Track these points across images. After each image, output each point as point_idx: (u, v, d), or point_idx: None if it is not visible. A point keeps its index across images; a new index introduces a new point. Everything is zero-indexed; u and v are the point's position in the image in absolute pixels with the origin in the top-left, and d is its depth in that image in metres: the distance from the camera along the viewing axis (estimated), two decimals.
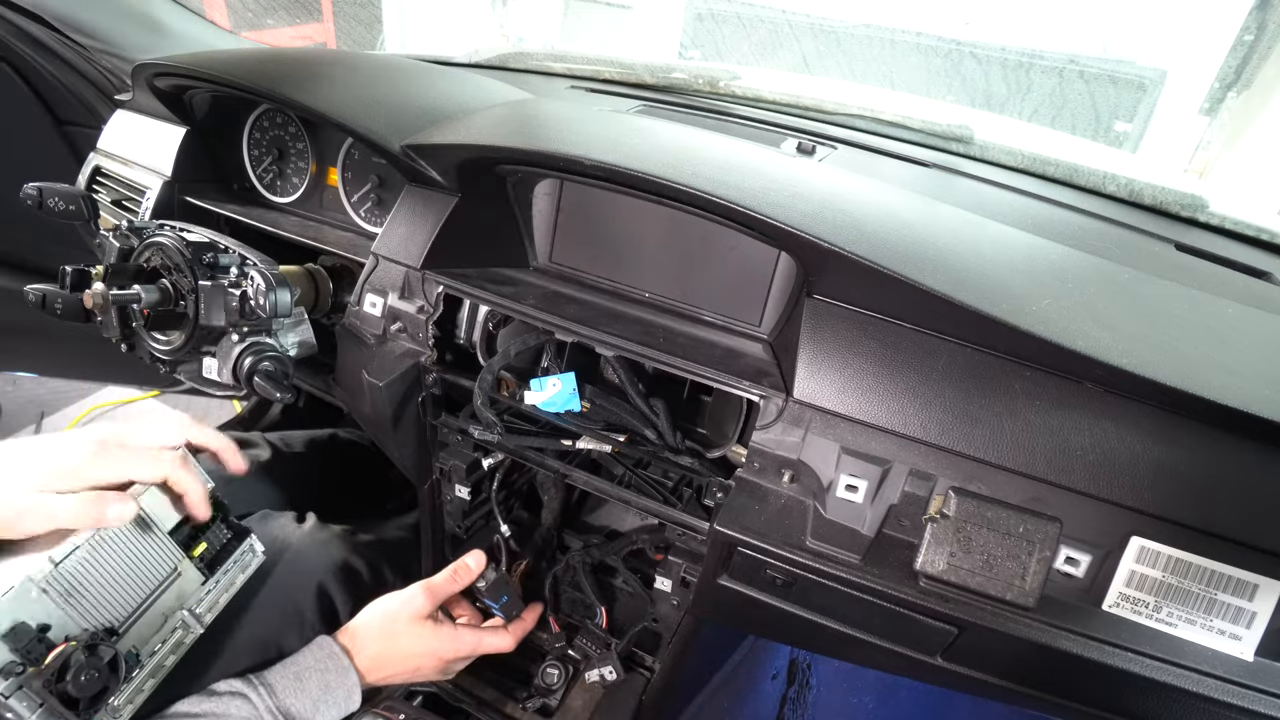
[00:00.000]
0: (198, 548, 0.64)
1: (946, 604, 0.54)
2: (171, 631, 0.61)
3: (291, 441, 1.09)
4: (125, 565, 0.58)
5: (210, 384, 0.75)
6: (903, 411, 0.57)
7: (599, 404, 0.75)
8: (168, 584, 0.61)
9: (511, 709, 0.83)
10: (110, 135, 1.07)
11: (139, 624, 0.59)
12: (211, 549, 0.65)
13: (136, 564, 0.59)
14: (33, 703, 0.50)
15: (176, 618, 0.62)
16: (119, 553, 0.57)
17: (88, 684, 0.52)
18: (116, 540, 0.57)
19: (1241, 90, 2.14)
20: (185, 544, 0.63)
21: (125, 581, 0.58)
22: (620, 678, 0.84)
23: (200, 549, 0.64)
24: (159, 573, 0.60)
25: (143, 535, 0.59)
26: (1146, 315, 0.58)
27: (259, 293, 0.68)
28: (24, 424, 1.89)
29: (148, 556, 0.59)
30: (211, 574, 0.65)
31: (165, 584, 0.61)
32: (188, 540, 0.63)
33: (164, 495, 0.61)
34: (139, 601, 0.59)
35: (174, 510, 0.62)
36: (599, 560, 0.93)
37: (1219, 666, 0.52)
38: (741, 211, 0.57)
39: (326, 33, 2.66)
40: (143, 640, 0.59)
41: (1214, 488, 0.52)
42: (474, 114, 0.80)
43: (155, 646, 0.60)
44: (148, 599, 0.59)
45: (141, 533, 0.59)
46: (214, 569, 0.65)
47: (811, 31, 2.42)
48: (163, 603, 0.61)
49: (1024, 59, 2.25)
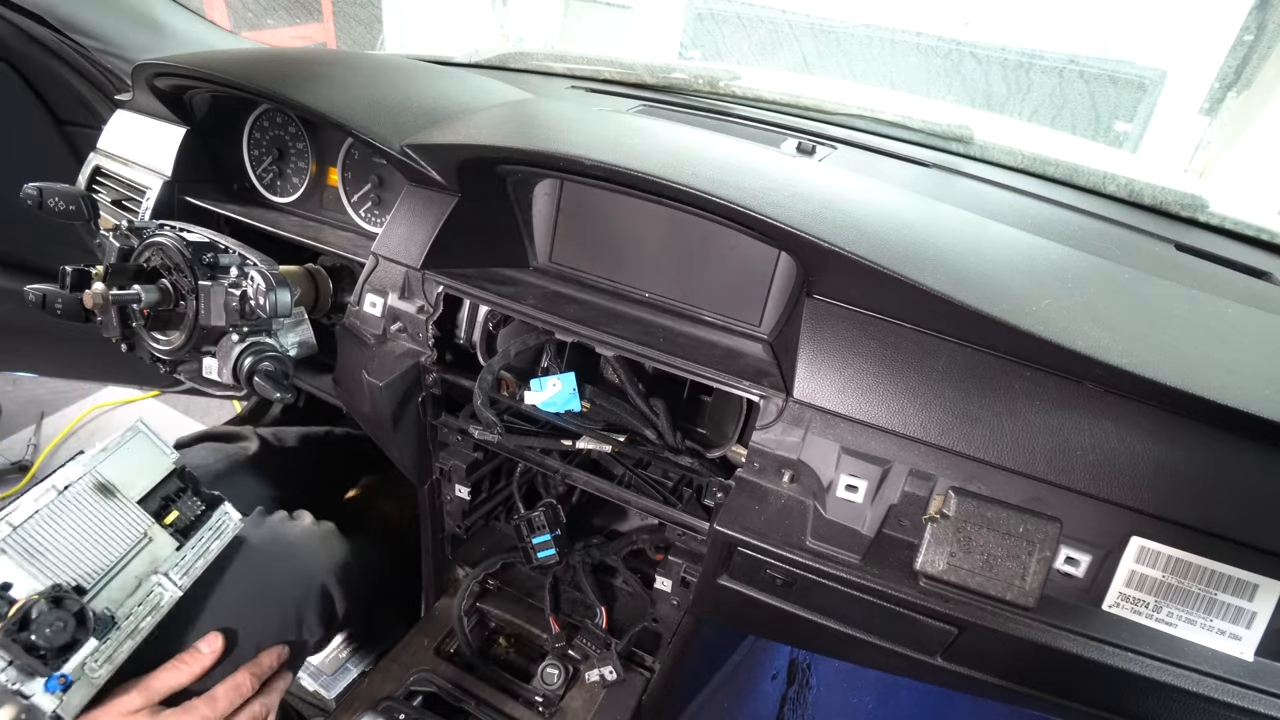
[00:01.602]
0: (169, 516, 0.67)
1: (946, 604, 0.54)
2: (146, 595, 0.64)
3: (284, 437, 1.09)
4: (90, 529, 0.60)
5: (210, 384, 0.75)
6: (903, 411, 0.57)
7: (599, 404, 0.75)
8: (138, 549, 0.64)
9: (511, 709, 0.82)
10: (110, 135, 1.07)
11: (110, 587, 0.61)
12: (185, 518, 0.69)
13: (102, 528, 0.61)
14: (1, 657, 0.51)
15: (151, 581, 0.65)
16: (82, 517, 0.60)
17: (53, 634, 0.53)
18: (79, 504, 0.60)
19: (1241, 90, 2.14)
20: (157, 513, 0.66)
21: (91, 544, 0.60)
22: (620, 678, 0.84)
23: (172, 517, 0.68)
24: (127, 537, 0.63)
25: (106, 500, 0.62)
26: (1146, 315, 0.58)
27: (259, 293, 0.68)
28: (24, 424, 1.89)
29: (114, 521, 0.62)
30: (185, 540, 0.68)
31: (136, 549, 0.64)
32: (159, 509, 0.67)
33: (127, 464, 0.64)
34: (109, 565, 0.61)
35: (140, 479, 0.65)
36: (599, 560, 0.93)
37: (1219, 666, 0.52)
38: (741, 211, 0.57)
39: (326, 33, 2.66)
40: (116, 603, 0.62)
41: (1214, 488, 0.52)
42: (474, 114, 0.80)
43: (130, 609, 0.62)
44: (118, 563, 0.62)
45: (105, 498, 0.62)
46: (187, 536, 0.69)
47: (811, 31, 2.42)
48: (134, 567, 0.63)
49: (1024, 59, 2.25)
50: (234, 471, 0.98)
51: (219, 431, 1.06)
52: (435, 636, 0.89)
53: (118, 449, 0.65)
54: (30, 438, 1.86)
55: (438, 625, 0.91)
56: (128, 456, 0.65)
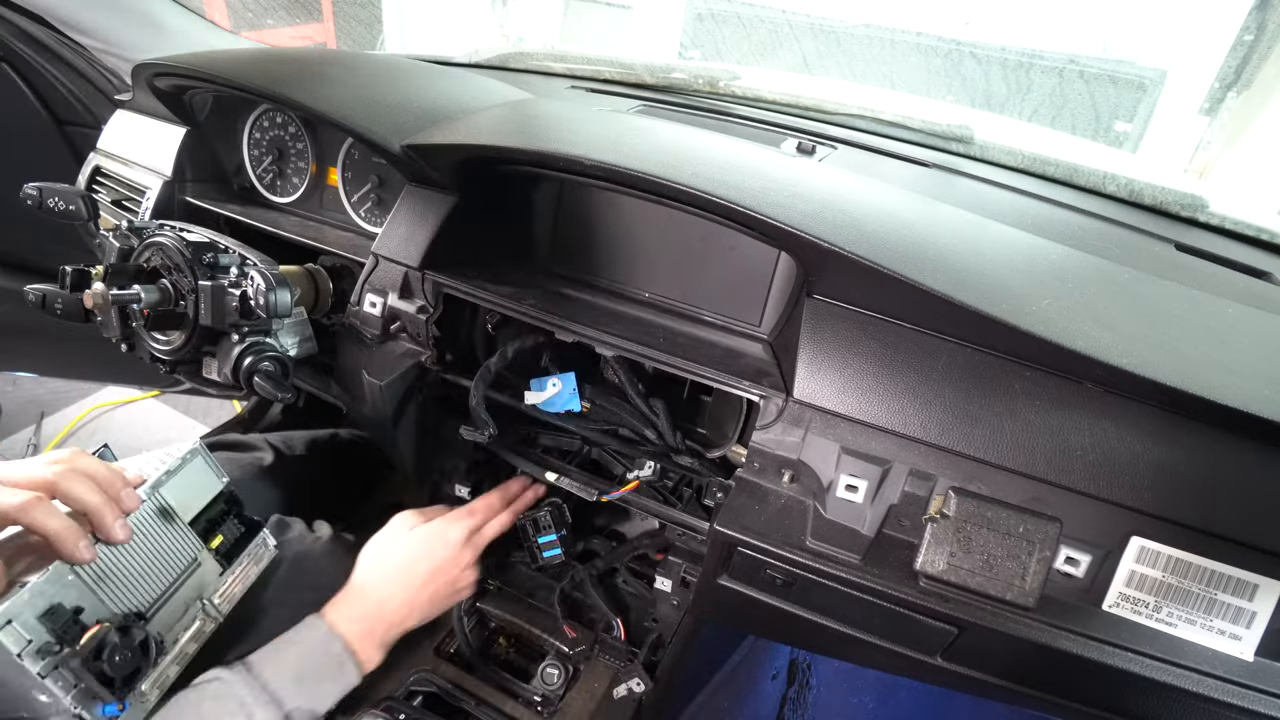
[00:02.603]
0: (214, 540, 0.66)
1: (946, 604, 0.54)
2: (193, 620, 0.64)
3: (293, 444, 1.09)
4: (151, 553, 0.60)
5: (210, 384, 0.75)
6: (903, 411, 0.57)
7: (599, 404, 0.75)
8: (189, 573, 0.64)
9: (512, 709, 0.82)
10: (110, 135, 1.07)
11: (163, 611, 0.61)
12: (227, 541, 0.68)
13: (162, 552, 0.61)
14: (67, 682, 0.51)
15: (196, 607, 0.64)
16: (146, 541, 0.59)
17: (122, 664, 0.54)
18: (143, 528, 0.59)
19: (1241, 90, 2.13)
20: (203, 536, 0.66)
21: (151, 569, 0.60)
22: (649, 688, 0.83)
23: (217, 541, 0.67)
24: (181, 562, 0.63)
25: (167, 525, 0.61)
26: (1146, 315, 0.58)
27: (259, 293, 0.68)
28: (24, 424, 1.89)
29: (171, 546, 0.62)
30: (229, 565, 0.67)
31: (187, 573, 0.63)
32: (204, 533, 0.66)
33: (185, 486, 0.64)
34: (164, 589, 0.61)
35: (194, 501, 0.65)
36: (604, 569, 0.92)
37: (1219, 666, 0.52)
38: (741, 211, 0.57)
39: (326, 33, 2.65)
40: (167, 627, 0.61)
41: (1214, 488, 0.52)
42: (474, 114, 0.80)
43: (179, 634, 0.62)
44: (171, 587, 0.62)
45: (165, 522, 0.61)
46: (230, 560, 0.68)
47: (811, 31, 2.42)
48: (184, 591, 0.63)
49: (1024, 59, 2.25)
50: (250, 481, 0.98)
51: (231, 440, 1.06)
52: (435, 636, 0.89)
53: (179, 471, 0.63)
54: (30, 438, 1.86)
55: (438, 625, 0.91)
56: (186, 479, 0.64)
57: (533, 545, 0.87)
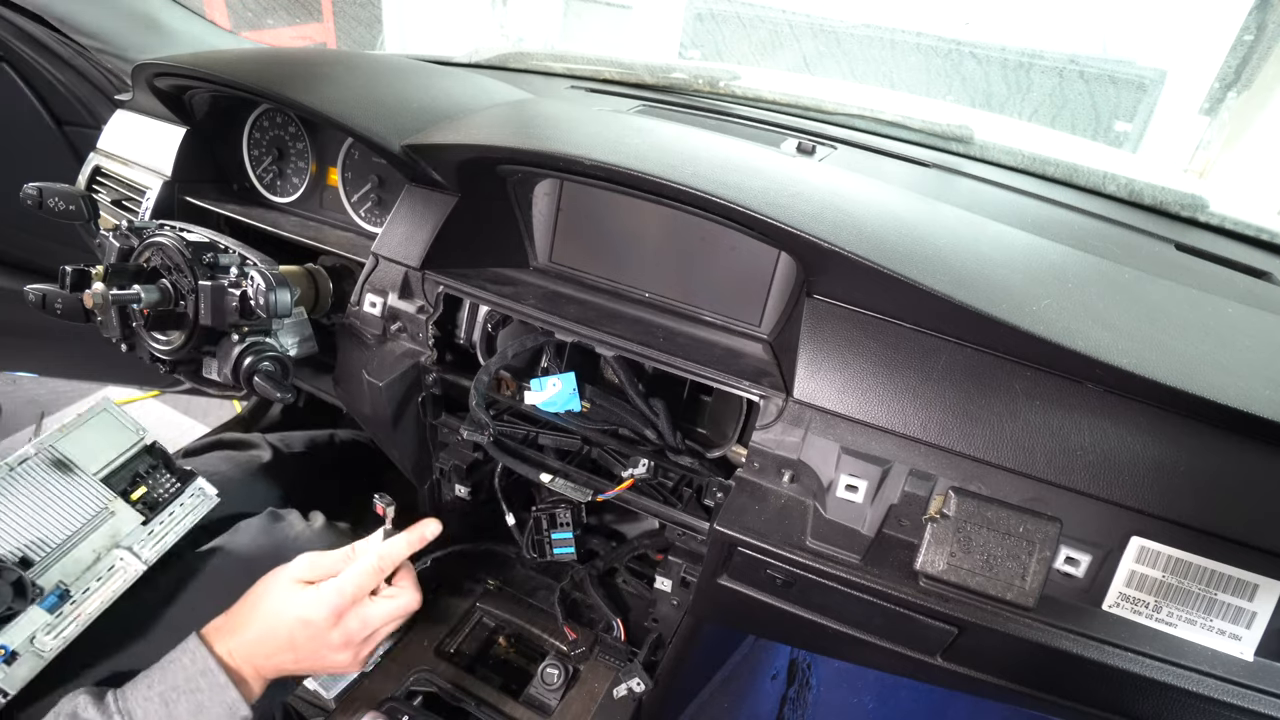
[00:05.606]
0: (136, 491, 0.68)
1: (946, 604, 0.54)
2: (108, 569, 0.64)
3: (292, 442, 1.10)
4: (41, 503, 0.61)
5: (210, 384, 0.75)
6: (903, 411, 0.57)
7: (599, 404, 0.75)
8: (97, 523, 0.64)
9: (511, 709, 0.82)
10: (110, 135, 1.07)
11: (65, 560, 0.61)
12: (153, 493, 0.69)
13: (55, 502, 0.62)
14: None
15: (112, 555, 0.65)
16: (33, 491, 0.61)
17: None
18: (29, 479, 0.60)
19: (1241, 90, 2.13)
20: (122, 489, 0.67)
21: (44, 518, 0.61)
22: (649, 688, 0.83)
23: (139, 492, 0.68)
24: (84, 511, 0.64)
25: (62, 475, 0.63)
26: (1146, 315, 0.58)
27: (259, 293, 0.68)
28: (24, 424, 1.89)
29: (69, 496, 0.63)
30: (153, 515, 0.68)
31: (94, 523, 0.64)
32: (128, 486, 0.68)
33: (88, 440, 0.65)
34: (61, 538, 0.62)
35: (103, 455, 0.66)
36: (604, 569, 0.92)
37: (1219, 666, 0.52)
38: (741, 211, 0.57)
39: (326, 33, 2.65)
40: (72, 576, 0.62)
41: (1214, 488, 0.52)
42: (474, 114, 0.80)
43: (89, 584, 0.63)
44: (73, 536, 0.62)
45: (60, 473, 0.62)
46: (154, 510, 0.69)
47: (811, 31, 2.42)
48: (93, 541, 0.64)
49: (1024, 59, 2.25)
50: (248, 478, 0.99)
51: (230, 439, 1.06)
52: (435, 636, 0.89)
53: (78, 426, 0.65)
54: (30, 438, 1.85)
55: (438, 625, 0.91)
56: (89, 433, 0.66)
57: (545, 539, 0.86)
